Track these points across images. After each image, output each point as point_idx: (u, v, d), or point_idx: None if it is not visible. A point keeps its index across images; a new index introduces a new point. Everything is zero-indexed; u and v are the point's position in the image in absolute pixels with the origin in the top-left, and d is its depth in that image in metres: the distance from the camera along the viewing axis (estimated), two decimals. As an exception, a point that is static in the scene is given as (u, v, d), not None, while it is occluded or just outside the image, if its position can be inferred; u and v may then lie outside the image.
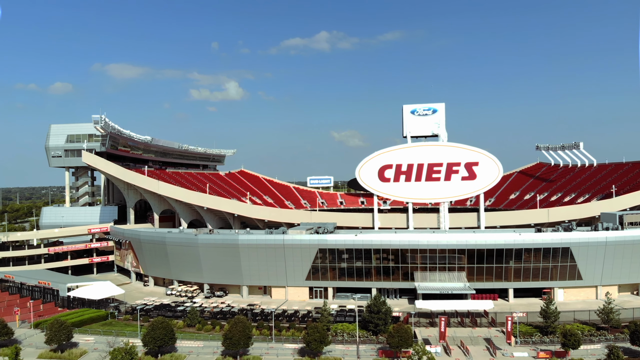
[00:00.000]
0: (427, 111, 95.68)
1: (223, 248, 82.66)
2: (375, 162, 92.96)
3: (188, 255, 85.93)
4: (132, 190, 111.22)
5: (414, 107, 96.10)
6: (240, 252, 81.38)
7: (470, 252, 78.15)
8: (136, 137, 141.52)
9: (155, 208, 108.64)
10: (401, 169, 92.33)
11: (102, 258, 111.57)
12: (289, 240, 79.80)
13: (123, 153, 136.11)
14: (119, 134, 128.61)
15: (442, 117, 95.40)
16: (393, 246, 77.88)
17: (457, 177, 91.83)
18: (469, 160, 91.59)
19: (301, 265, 79.96)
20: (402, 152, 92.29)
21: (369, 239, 78.59)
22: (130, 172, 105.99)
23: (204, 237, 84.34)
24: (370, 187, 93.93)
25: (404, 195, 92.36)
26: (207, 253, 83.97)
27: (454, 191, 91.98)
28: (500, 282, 79.10)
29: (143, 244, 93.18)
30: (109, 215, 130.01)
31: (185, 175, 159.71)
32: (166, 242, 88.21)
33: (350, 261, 79.33)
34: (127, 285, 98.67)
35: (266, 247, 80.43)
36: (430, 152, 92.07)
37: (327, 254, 79.36)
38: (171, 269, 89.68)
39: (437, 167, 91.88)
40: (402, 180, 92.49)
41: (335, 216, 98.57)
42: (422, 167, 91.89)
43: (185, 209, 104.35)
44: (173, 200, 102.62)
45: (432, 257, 78.54)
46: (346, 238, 79.06)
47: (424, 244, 77.83)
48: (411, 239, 77.97)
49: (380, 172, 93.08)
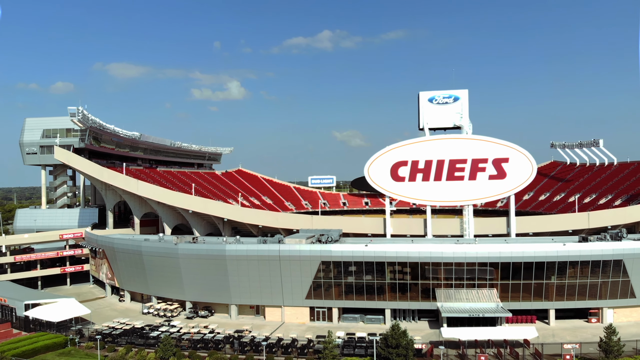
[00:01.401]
0: (448, 99, 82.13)
1: (207, 260, 69.41)
2: (387, 159, 79.45)
3: (167, 267, 72.75)
4: (110, 191, 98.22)
5: (432, 94, 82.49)
6: (228, 265, 68.13)
7: (504, 266, 64.81)
8: (122, 132, 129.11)
9: (135, 211, 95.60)
10: (418, 166, 78.80)
11: (75, 267, 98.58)
12: (286, 251, 66.49)
13: (108, 150, 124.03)
14: (100, 129, 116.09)
15: (465, 106, 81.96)
16: (411, 259, 64.49)
17: (483, 175, 78.29)
18: (497, 156, 78.08)
19: (300, 281, 66.66)
20: (419, 147, 78.78)
21: (382, 249, 65.20)
22: (106, 170, 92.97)
23: (185, 247, 71.11)
24: (381, 188, 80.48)
25: (421, 197, 78.89)
26: (189, 266, 70.78)
27: (480, 192, 78.44)
28: (540, 301, 65.84)
29: (117, 253, 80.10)
30: (88, 219, 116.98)
31: (177, 175, 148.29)
32: (142, 252, 75.06)
33: (360, 276, 65.95)
34: (100, 301, 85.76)
35: (258, 259, 67.15)
36: (452, 146, 78.57)
37: (332, 267, 66.04)
38: (148, 283, 76.51)
39: (461, 163, 78.33)
40: (419, 180, 78.96)
41: (340, 221, 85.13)
42: (443, 164, 78.37)
43: (168, 212, 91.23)
44: (154, 202, 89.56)
45: (458, 271, 65.22)
46: (355, 249, 65.67)
47: (448, 257, 64.44)
48: (433, 250, 64.56)
49: (394, 169, 79.54)
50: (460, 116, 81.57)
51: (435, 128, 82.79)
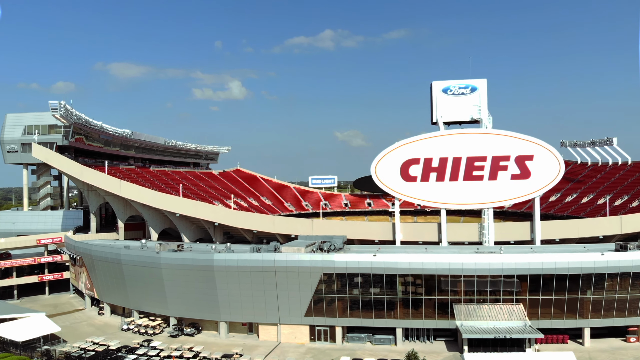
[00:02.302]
0: (464, 89, 73.47)
1: (193, 271, 60.98)
2: (397, 156, 70.88)
3: (149, 278, 64.37)
4: (93, 192, 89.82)
5: (446, 84, 73.84)
6: (216, 276, 59.68)
7: (534, 279, 56.34)
8: (111, 129, 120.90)
9: (119, 214, 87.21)
10: (431, 164, 70.18)
11: (54, 275, 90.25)
12: (282, 261, 57.99)
13: (96, 149, 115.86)
14: (86, 125, 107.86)
15: (484, 97, 73.30)
16: (427, 271, 55.93)
17: (505, 175, 69.67)
18: (521, 153, 69.44)
19: (299, 295, 58.17)
20: (432, 143, 70.14)
21: (393, 260, 56.61)
22: (86, 170, 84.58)
23: (168, 256, 62.68)
24: (389, 188, 71.91)
25: (435, 199, 70.28)
26: (173, 277, 62.36)
27: (502, 193, 69.79)
28: (574, 319, 57.38)
29: (95, 261, 71.79)
30: (72, 222, 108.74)
31: (171, 175, 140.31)
32: (122, 261, 66.69)
33: (367, 290, 57.41)
34: (78, 314, 77.40)
35: (251, 270, 58.66)
36: (470, 141, 69.96)
37: (335, 280, 57.52)
38: (129, 295, 68.12)
39: (480, 161, 69.73)
40: (433, 180, 70.31)
41: (343, 226, 76.54)
42: (460, 162, 69.76)
43: (154, 215, 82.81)
44: (139, 204, 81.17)
45: (481, 285, 56.75)
46: (361, 259, 57.08)
47: (470, 268, 55.89)
48: (452, 261, 55.99)
49: (404, 168, 70.92)
50: (478, 108, 72.93)
51: (450, 122, 74.08)
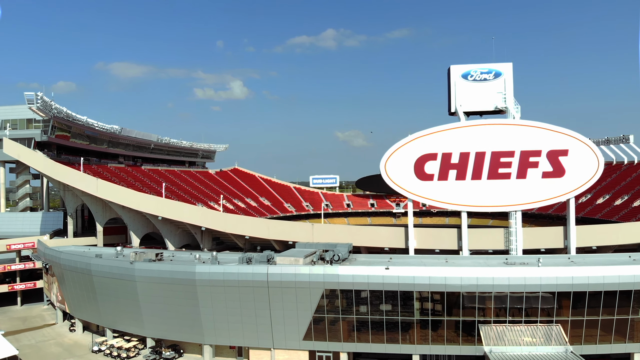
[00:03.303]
0: (487, 74, 64.02)
1: (172, 285, 51.72)
2: (410, 151, 61.49)
3: (122, 292, 55.20)
4: (69, 192, 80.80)
5: (466, 69, 64.32)
6: (199, 292, 50.43)
7: (578, 296, 46.99)
8: (98, 125, 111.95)
9: (97, 217, 78.15)
10: (450, 160, 60.75)
11: (26, 284, 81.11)
12: (277, 275, 48.66)
13: (81, 145, 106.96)
14: (68, 119, 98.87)
15: (509, 84, 63.89)
16: (451, 287, 46.54)
17: (535, 172, 60.24)
18: (553, 148, 60.03)
19: (296, 315, 48.85)
20: (452, 135, 60.71)
21: (410, 273, 47.17)
22: (60, 167, 75.52)
23: (143, 267, 53.45)
24: (401, 188, 62.50)
25: (455, 201, 60.80)
26: (149, 292, 53.16)
27: (531, 194, 60.32)
28: (622, 343, 48.00)
29: (64, 270, 62.75)
30: (52, 224, 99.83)
31: (164, 174, 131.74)
32: (92, 271, 57.55)
33: (378, 310, 48.03)
34: (47, 330, 68.30)
35: (240, 285, 49.37)
36: (495, 134, 60.57)
37: (340, 297, 48.19)
38: (101, 311, 58.98)
39: (506, 157, 60.34)
40: (452, 178, 60.89)
41: (347, 232, 67.03)
42: (483, 158, 60.35)
43: (135, 218, 73.68)
44: (118, 206, 72.06)
45: (514, 303, 47.38)
46: (371, 272, 47.65)
47: (502, 284, 46.50)
48: (481, 276, 46.57)
49: (419, 165, 61.48)
50: (503, 96, 63.51)
51: (471, 112, 64.50)
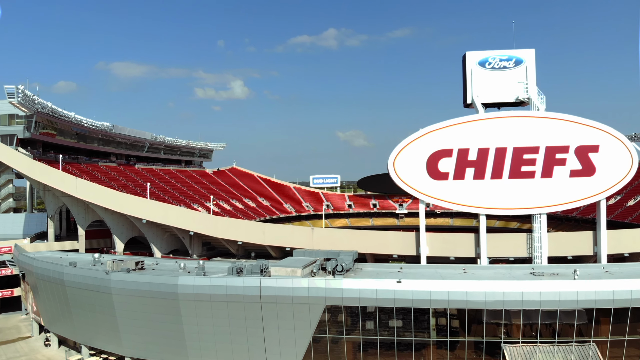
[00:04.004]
0: (507, 62, 57.44)
1: (152, 299, 45.29)
2: (422, 146, 54.95)
3: (98, 306, 48.83)
4: (49, 192, 74.51)
5: (484, 55, 57.69)
6: (182, 307, 43.99)
7: (619, 313, 40.40)
8: (87, 122, 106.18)
9: (79, 219, 71.87)
10: (467, 157, 54.19)
11: (3, 292, 74.86)
12: (271, 288, 42.13)
13: (69, 143, 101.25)
14: (53, 115, 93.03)
15: (532, 73, 57.30)
16: (474, 304, 39.96)
17: (562, 171, 53.71)
18: (582, 143, 53.47)
19: (293, 335, 42.31)
20: (469, 129, 54.18)
21: (425, 288, 40.58)
22: (38, 165, 69.27)
23: (119, 278, 47.01)
24: (412, 188, 55.98)
25: (473, 203, 54.15)
26: (127, 306, 46.75)
27: (558, 195, 53.73)
28: (670, 367, 41.42)
29: (37, 279, 56.44)
30: (35, 226, 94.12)
31: (159, 173, 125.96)
32: (65, 281, 51.17)
33: (388, 329, 41.49)
34: (21, 344, 61.99)
35: (228, 300, 42.87)
36: (518, 127, 54.03)
37: (344, 315, 41.69)
38: (75, 326, 52.61)
39: (530, 153, 53.80)
40: (469, 177, 54.33)
41: (352, 237, 60.30)
42: (504, 155, 53.86)
43: (119, 221, 67.35)
44: (100, 208, 65.77)
45: (546, 320, 40.84)
46: (380, 286, 41.05)
47: (532, 300, 39.91)
48: (509, 290, 39.96)
49: (432, 162, 54.86)
50: (524, 86, 56.97)
51: (490, 103, 57.90)
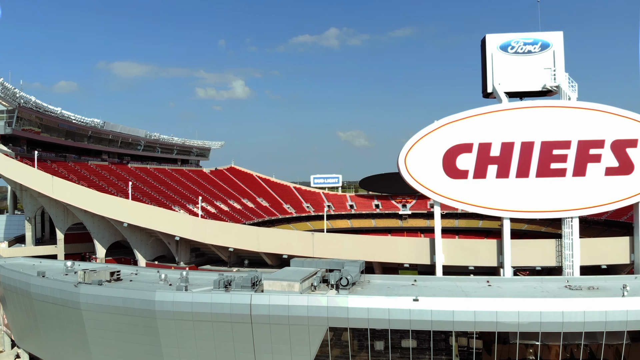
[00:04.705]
0: (531, 46, 50.93)
1: (126, 316, 38.96)
2: (437, 141, 48.45)
3: (67, 322, 42.56)
4: (26, 192, 68.25)
5: (506, 38, 51.12)
6: (160, 327, 37.61)
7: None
8: (75, 118, 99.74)
9: (58, 222, 65.69)
10: (489, 152, 47.77)
11: (-24, 302, 68.70)
12: (264, 307, 35.66)
13: (56, 140, 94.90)
14: (37, 110, 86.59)
15: (560, 58, 50.73)
16: (504, 326, 33.42)
17: (597, 168, 47.31)
18: (619, 137, 47.02)
19: (290, 361, 35.94)
20: (491, 121, 47.74)
21: (447, 307, 34.04)
22: (11, 162, 62.98)
23: (89, 292, 40.65)
24: (426, 188, 49.53)
25: (496, 204, 47.62)
26: (98, 323, 40.42)
27: (592, 195, 47.27)
28: None
29: (5, 290, 50.18)
30: (17, 229, 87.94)
31: (153, 172, 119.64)
32: (32, 293, 44.93)
33: (403, 356, 35.02)
34: (-11, 361, 55.91)
35: (213, 319, 36.45)
36: (547, 119, 47.64)
37: (350, 338, 35.20)
38: (44, 343, 46.37)
39: (560, 148, 47.39)
40: (492, 175, 47.89)
41: (358, 243, 53.72)
42: (531, 150, 47.43)
43: (100, 224, 61.08)
44: (79, 210, 59.50)
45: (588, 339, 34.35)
46: (393, 304, 34.49)
47: (575, 322, 33.46)
48: (546, 310, 33.46)
49: (449, 158, 48.35)
50: (552, 73, 50.61)
51: (512, 93, 51.53)
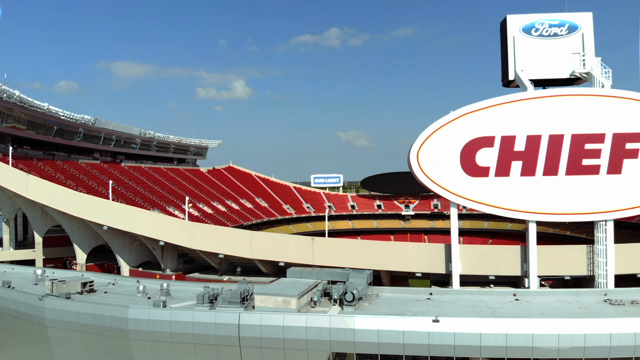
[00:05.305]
0: (557, 28, 45.43)
1: (97, 335, 33.55)
2: (454, 134, 42.90)
3: (33, 339, 37.18)
4: (3, 193, 62.90)
5: (529, 19, 45.56)
6: (134, 348, 32.16)
7: None
8: (64, 114, 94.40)
9: (35, 224, 60.36)
10: (513, 147, 42.17)
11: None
12: (254, 327, 30.15)
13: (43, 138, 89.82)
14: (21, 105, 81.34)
15: (590, 42, 45.29)
16: (543, 351, 27.86)
17: (634, 165, 41.78)
18: (660, 130, 41.69)
19: (286, 390, 30.45)
20: (514, 111, 42.18)
21: (472, 329, 28.52)
22: (-16, 159, 57.70)
23: (55, 306, 35.23)
24: (440, 187, 44.03)
25: (521, 206, 41.96)
26: (65, 342, 35.01)
27: (628, 195, 41.73)
28: None
29: (-31, 302, 44.70)
30: None
31: (147, 172, 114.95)
32: (-5, 307, 39.52)
33: (418, 385, 29.56)
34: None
35: (195, 341, 30.97)
36: (577, 109, 42.14)
37: (356, 364, 29.76)
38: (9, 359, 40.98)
39: (593, 142, 41.89)
40: (516, 173, 42.33)
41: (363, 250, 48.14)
42: (561, 144, 41.92)
43: (80, 227, 55.70)
44: (57, 212, 54.15)
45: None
46: (409, 327, 28.97)
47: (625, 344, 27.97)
48: (591, 332, 27.95)
49: (467, 154, 42.79)
50: (581, 58, 45.18)
51: (538, 81, 45.87)
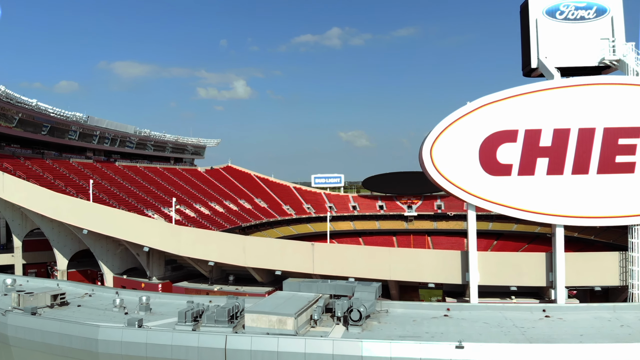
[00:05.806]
0: (584, 10, 40.66)
1: (63, 358, 29.09)
2: (472, 127, 38.07)
3: (-5, 361, 32.75)
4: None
5: (554, 2, 40.62)
6: (105, 374, 27.73)
7: None
8: (54, 112, 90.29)
9: (14, 227, 56.10)
10: (538, 142, 37.35)
11: None
12: (244, 353, 25.57)
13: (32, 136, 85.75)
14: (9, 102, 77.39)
15: (620, 27, 40.56)
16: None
17: (673, 163, 37.38)
18: (702, 123, 37.07)
19: None
20: (540, 101, 37.61)
21: (501, 357, 24.13)
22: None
23: (19, 323, 30.74)
24: (456, 187, 39.29)
25: (548, 208, 37.17)
26: (29, 365, 30.59)
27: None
28: None
29: None
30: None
31: (143, 171, 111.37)
32: (-45, 322, 34.99)
33: (437, 421, 25.05)
34: None
35: (175, 367, 26.58)
36: (610, 100, 37.52)
37: (363, 396, 25.25)
38: (-28, 385, 36.49)
39: (628, 137, 37.21)
40: (542, 171, 37.54)
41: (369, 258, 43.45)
42: (592, 139, 37.25)
43: (60, 230, 51.29)
44: (35, 214, 49.70)
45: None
46: (427, 354, 24.43)
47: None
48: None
49: (487, 149, 37.92)
50: (611, 44, 40.59)
51: (563, 69, 41.27)
